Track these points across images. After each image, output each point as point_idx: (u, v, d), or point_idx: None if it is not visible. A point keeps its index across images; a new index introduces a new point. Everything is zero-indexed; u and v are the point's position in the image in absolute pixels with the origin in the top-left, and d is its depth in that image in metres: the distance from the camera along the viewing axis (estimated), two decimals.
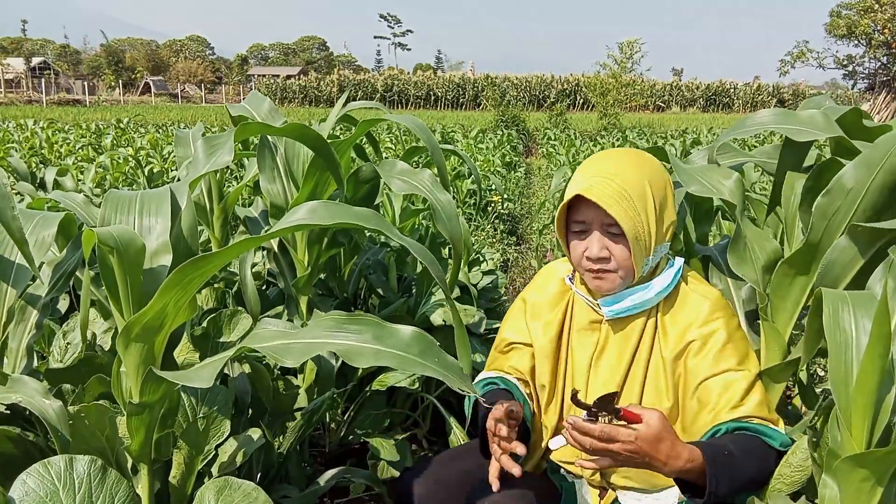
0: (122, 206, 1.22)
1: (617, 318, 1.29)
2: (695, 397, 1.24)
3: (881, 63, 38.11)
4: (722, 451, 1.13)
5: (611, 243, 1.23)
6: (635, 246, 1.20)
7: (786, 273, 1.29)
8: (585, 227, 1.25)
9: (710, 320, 1.25)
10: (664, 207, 1.25)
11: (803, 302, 1.31)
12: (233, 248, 1.00)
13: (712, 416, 1.21)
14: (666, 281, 1.27)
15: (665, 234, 1.26)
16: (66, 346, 1.76)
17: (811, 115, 1.38)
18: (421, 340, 1.00)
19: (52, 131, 10.11)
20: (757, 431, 1.20)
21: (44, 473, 1.05)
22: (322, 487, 1.67)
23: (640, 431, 1.08)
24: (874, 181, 1.18)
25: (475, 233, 5.17)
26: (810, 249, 1.25)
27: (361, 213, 1.09)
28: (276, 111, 2.07)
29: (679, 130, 17.45)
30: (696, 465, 1.11)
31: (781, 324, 1.33)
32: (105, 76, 64.33)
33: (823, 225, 1.24)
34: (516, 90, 46.67)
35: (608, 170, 1.23)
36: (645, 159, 1.28)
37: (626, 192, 1.20)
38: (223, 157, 1.38)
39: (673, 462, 1.10)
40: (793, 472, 1.15)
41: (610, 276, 1.25)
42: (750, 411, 1.20)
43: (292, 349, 0.98)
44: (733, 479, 1.12)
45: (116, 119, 17.94)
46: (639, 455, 1.09)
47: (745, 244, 1.37)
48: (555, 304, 1.39)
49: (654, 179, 1.24)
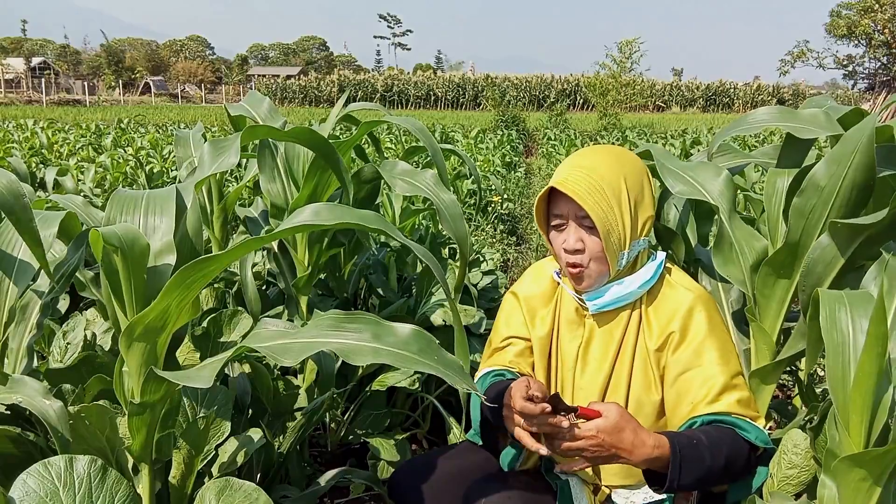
0: (128, 206, 1.23)
1: (601, 312, 1.31)
2: (674, 389, 1.26)
3: (881, 63, 38.10)
4: (690, 441, 1.15)
5: (585, 235, 1.26)
6: (607, 239, 1.23)
7: (769, 273, 1.29)
8: (562, 219, 1.29)
9: (691, 313, 1.27)
10: (640, 202, 1.27)
11: (788, 301, 1.31)
12: (236, 250, 1.00)
13: (690, 409, 1.23)
14: (647, 275, 1.29)
15: (641, 230, 1.29)
16: (66, 346, 1.77)
17: (813, 113, 1.38)
18: (420, 338, 1.01)
19: (52, 131, 10.10)
20: (732, 425, 1.21)
21: (44, 473, 1.05)
22: (322, 487, 1.67)
23: (600, 424, 1.12)
24: (846, 178, 1.18)
25: (475, 233, 5.17)
26: (791, 249, 1.26)
27: (364, 215, 1.09)
28: (276, 111, 2.07)
29: (679, 130, 17.45)
30: (664, 453, 1.13)
31: (768, 324, 1.33)
32: (105, 76, 64.32)
33: (801, 224, 1.24)
34: (516, 90, 46.69)
35: (584, 164, 1.26)
36: (623, 156, 1.30)
37: (599, 186, 1.23)
38: (229, 160, 1.40)
39: (639, 450, 1.12)
40: (800, 472, 1.15)
41: (586, 273, 1.27)
42: (727, 406, 1.21)
43: (290, 348, 0.98)
44: (699, 469, 1.13)
45: (117, 119, 17.94)
46: (604, 447, 1.11)
47: (730, 244, 1.37)
48: (547, 299, 1.42)
49: (629, 174, 1.27)
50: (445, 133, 12.84)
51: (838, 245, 1.19)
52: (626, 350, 1.30)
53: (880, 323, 0.84)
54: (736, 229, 1.36)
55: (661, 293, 1.30)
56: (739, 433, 1.20)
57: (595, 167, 1.25)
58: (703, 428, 1.20)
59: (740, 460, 1.18)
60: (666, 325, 1.27)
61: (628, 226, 1.25)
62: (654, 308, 1.30)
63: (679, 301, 1.28)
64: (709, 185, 1.40)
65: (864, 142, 1.15)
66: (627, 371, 1.29)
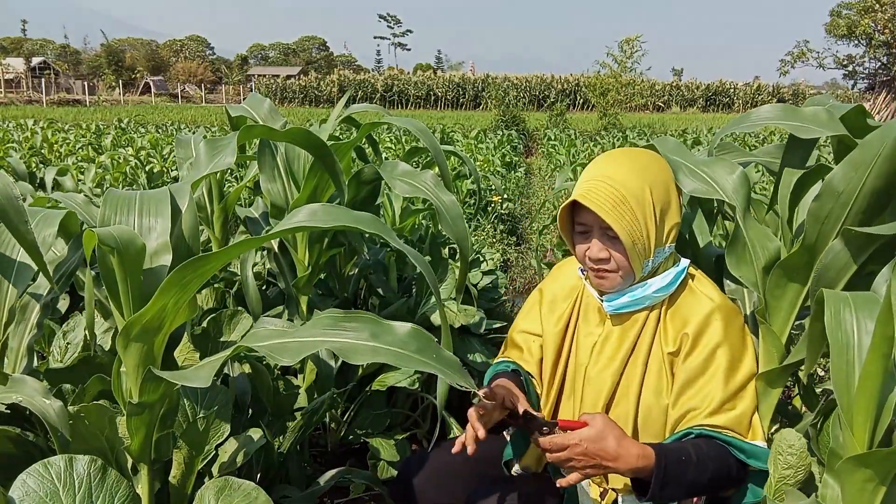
0: (122, 206, 1.22)
1: (619, 313, 1.31)
2: (678, 395, 1.25)
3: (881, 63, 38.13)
4: (678, 456, 1.15)
5: (609, 244, 1.25)
6: (632, 250, 1.22)
7: (781, 276, 1.27)
8: (586, 228, 1.28)
9: (708, 321, 1.25)
10: (666, 211, 1.26)
11: (800, 305, 1.30)
12: (232, 249, 1.00)
13: (688, 418, 1.23)
14: (665, 281, 1.28)
15: (667, 237, 1.27)
16: (66, 346, 1.76)
17: (815, 111, 1.36)
18: (418, 337, 1.00)
19: (52, 131, 10.09)
20: (726, 442, 1.20)
21: (44, 473, 1.05)
22: (322, 487, 1.67)
23: (583, 433, 1.13)
24: (865, 184, 1.16)
25: (475, 233, 5.17)
26: (806, 252, 1.23)
27: (361, 217, 1.08)
28: (276, 112, 2.07)
29: (679, 130, 17.45)
30: (649, 464, 1.14)
31: (778, 326, 1.31)
32: (105, 76, 64.33)
33: (817, 229, 1.21)
34: (516, 90, 46.64)
35: (609, 174, 1.24)
36: (650, 162, 1.28)
37: (623, 198, 1.21)
38: (225, 159, 1.39)
39: (624, 459, 1.13)
40: (796, 472, 1.15)
41: (611, 276, 1.27)
42: (724, 421, 1.20)
43: (289, 348, 0.98)
44: (682, 484, 1.14)
45: (117, 119, 17.93)
46: (588, 456, 1.12)
47: (744, 244, 1.34)
48: (568, 295, 1.43)
49: (655, 183, 1.24)
50: (445, 133, 12.84)
51: (851, 252, 1.18)
52: (639, 352, 1.29)
53: (887, 323, 0.84)
54: (750, 229, 1.32)
55: (682, 299, 1.29)
56: (731, 451, 1.20)
57: (619, 177, 1.22)
58: (695, 441, 1.20)
59: (726, 479, 1.20)
60: (680, 331, 1.26)
61: (653, 235, 1.23)
62: (672, 313, 1.29)
63: (697, 308, 1.27)
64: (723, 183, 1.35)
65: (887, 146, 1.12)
66: (640, 373, 1.28)
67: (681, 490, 1.15)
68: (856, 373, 0.94)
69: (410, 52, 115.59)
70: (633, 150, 1.31)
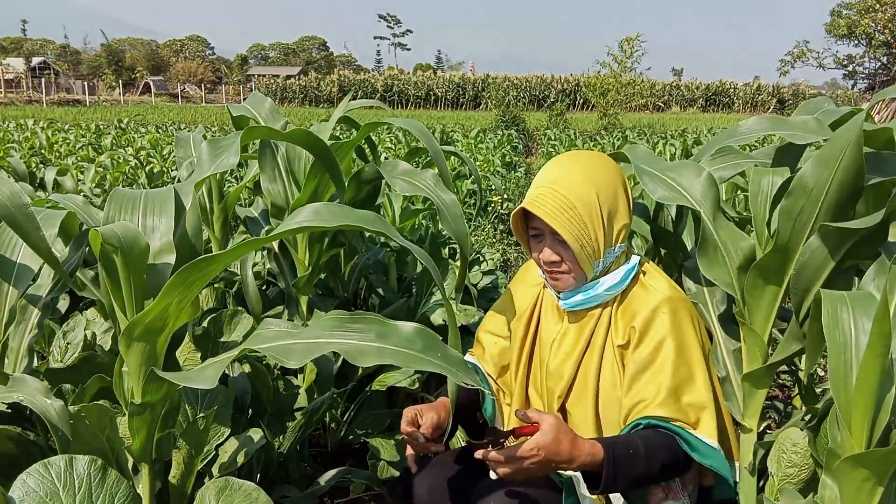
0: (127, 205, 1.22)
1: (574, 310, 1.35)
2: (628, 387, 1.27)
3: (881, 63, 38.12)
4: (626, 449, 1.17)
5: (560, 248, 1.29)
6: (580, 253, 1.26)
7: (758, 276, 1.27)
8: (539, 233, 1.33)
9: (655, 313, 1.27)
10: (614, 214, 1.29)
11: (778, 303, 1.30)
12: (236, 250, 1.00)
13: (638, 409, 1.24)
14: (616, 279, 1.31)
15: (616, 238, 1.30)
16: (66, 346, 1.77)
17: (803, 120, 1.37)
18: (423, 336, 1.00)
19: (52, 131, 10.10)
20: (675, 433, 1.21)
21: (44, 473, 1.05)
22: (322, 487, 1.67)
23: (539, 441, 1.14)
24: (834, 179, 1.16)
25: (475, 233, 5.17)
26: (780, 251, 1.23)
27: (364, 216, 1.09)
28: (277, 112, 2.07)
29: (679, 130, 17.45)
30: (599, 458, 1.16)
31: (759, 326, 1.31)
32: (105, 76, 64.27)
33: (790, 226, 1.22)
34: (516, 90, 46.63)
35: (555, 179, 1.28)
36: (597, 166, 1.31)
37: (569, 203, 1.25)
38: (229, 160, 1.39)
39: (577, 458, 1.15)
40: (799, 471, 1.15)
41: (563, 277, 1.32)
42: (671, 412, 1.21)
43: (295, 350, 0.97)
44: (633, 474, 1.17)
45: (117, 119, 17.93)
46: (544, 462, 1.14)
47: (715, 246, 1.34)
48: (532, 294, 1.47)
49: (602, 187, 1.28)
50: (445, 133, 12.84)
51: (829, 247, 1.18)
52: (594, 346, 1.33)
53: (884, 322, 0.84)
54: (720, 230, 1.33)
55: (632, 294, 1.32)
56: (679, 441, 1.21)
57: (566, 183, 1.26)
58: (644, 433, 1.21)
59: (677, 467, 1.22)
60: (629, 324, 1.29)
61: (601, 238, 1.27)
62: (623, 308, 1.32)
63: (646, 301, 1.30)
64: (690, 187, 1.37)
65: (852, 141, 1.12)
66: (596, 366, 1.32)
67: (634, 481, 1.18)
68: (853, 372, 0.94)
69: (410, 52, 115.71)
70: (581, 154, 1.34)
